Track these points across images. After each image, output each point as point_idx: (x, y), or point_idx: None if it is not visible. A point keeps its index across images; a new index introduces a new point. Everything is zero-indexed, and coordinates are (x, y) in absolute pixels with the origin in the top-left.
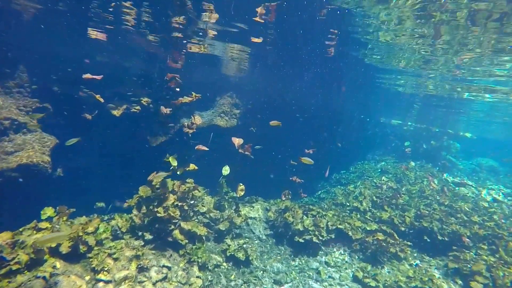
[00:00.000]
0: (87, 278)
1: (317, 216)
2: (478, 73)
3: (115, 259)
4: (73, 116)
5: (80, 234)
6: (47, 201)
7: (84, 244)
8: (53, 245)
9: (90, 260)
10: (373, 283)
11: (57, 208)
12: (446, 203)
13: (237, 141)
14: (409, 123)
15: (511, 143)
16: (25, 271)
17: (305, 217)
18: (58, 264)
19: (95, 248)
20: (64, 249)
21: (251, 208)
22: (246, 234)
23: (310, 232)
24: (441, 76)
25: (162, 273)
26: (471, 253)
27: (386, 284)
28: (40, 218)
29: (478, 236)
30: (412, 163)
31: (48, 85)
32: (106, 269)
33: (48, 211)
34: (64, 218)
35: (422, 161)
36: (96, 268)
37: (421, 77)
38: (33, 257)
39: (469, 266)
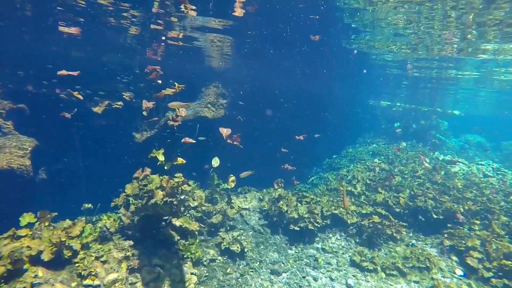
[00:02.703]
0: (73, 284)
1: (311, 202)
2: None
3: (103, 262)
4: (52, 116)
5: (63, 239)
6: (31, 206)
7: (69, 249)
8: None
9: (76, 265)
10: (371, 266)
11: (38, 213)
12: (439, 182)
13: (225, 131)
14: (398, 104)
15: (495, 118)
16: (2, 284)
17: (299, 205)
18: (40, 272)
19: (81, 252)
20: (46, 256)
21: (244, 199)
22: (240, 226)
23: (305, 219)
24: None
25: (154, 272)
26: (465, 229)
27: (384, 266)
28: (19, 225)
29: (471, 212)
30: (404, 144)
31: (22, 84)
32: (93, 273)
33: (28, 217)
34: (46, 223)
35: (413, 141)
36: (82, 273)
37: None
38: (11, 268)
39: (463, 242)
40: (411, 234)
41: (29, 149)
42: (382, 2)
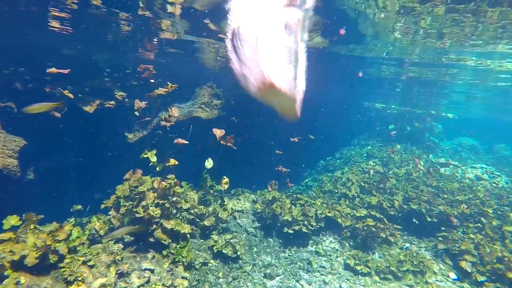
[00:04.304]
0: None
1: (305, 205)
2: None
3: (91, 267)
4: (40, 115)
5: (49, 242)
6: (19, 208)
7: (54, 253)
8: None
9: (62, 270)
10: (365, 270)
11: (23, 215)
12: (433, 184)
13: (218, 132)
14: (392, 106)
15: (487, 121)
16: None
17: (293, 207)
18: (23, 279)
19: (68, 256)
20: (30, 261)
21: (238, 201)
22: (233, 229)
23: (299, 222)
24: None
25: (144, 277)
26: (459, 232)
27: (378, 270)
28: (3, 228)
29: (465, 215)
30: (398, 146)
31: (9, 82)
32: (80, 278)
33: (12, 220)
34: (32, 226)
35: (407, 144)
36: (69, 279)
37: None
38: None
39: (457, 245)
40: (405, 237)
41: (17, 148)
42: (380, 11)
